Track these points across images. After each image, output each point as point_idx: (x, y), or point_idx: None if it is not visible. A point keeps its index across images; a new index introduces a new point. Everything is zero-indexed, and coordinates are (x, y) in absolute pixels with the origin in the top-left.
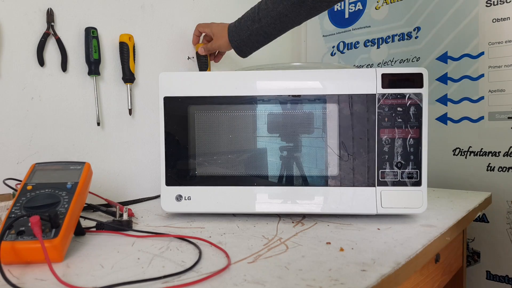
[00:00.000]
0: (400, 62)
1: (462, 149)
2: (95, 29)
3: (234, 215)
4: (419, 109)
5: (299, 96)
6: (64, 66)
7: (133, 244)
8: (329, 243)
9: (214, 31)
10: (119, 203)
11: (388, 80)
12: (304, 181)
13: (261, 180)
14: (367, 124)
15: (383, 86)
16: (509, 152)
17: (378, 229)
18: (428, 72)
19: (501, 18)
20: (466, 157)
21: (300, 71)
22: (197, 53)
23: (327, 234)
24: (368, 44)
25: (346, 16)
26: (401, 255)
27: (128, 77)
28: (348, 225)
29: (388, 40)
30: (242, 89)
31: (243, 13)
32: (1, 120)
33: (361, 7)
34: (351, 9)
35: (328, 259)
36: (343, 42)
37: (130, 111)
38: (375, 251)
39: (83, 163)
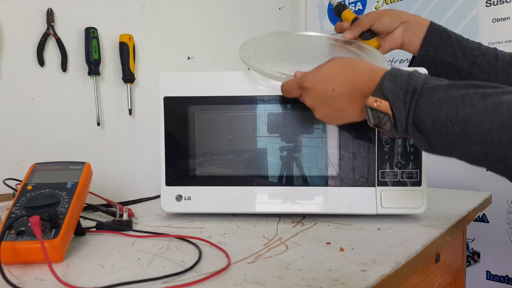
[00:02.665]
0: (400, 62)
1: None
2: (95, 29)
3: (234, 215)
4: None
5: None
6: (64, 66)
7: (133, 244)
8: (329, 243)
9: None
10: (119, 203)
11: None
12: (304, 181)
13: (261, 180)
14: (367, 124)
15: None
16: None
17: (378, 229)
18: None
19: (501, 18)
20: None
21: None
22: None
23: (327, 234)
24: None
25: None
26: (401, 255)
27: (128, 77)
28: (348, 225)
29: None
30: (242, 89)
31: (242, 13)
32: (1, 120)
33: (361, 7)
34: (351, 9)
35: (328, 259)
36: None
37: (130, 111)
38: (375, 251)
39: (83, 163)
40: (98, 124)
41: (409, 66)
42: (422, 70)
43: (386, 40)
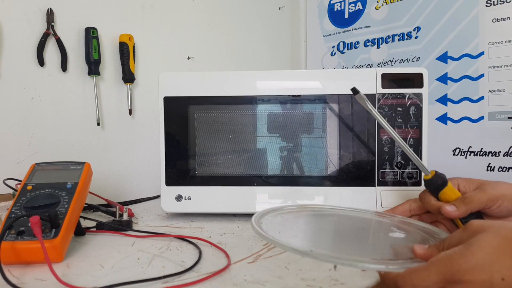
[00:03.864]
0: (400, 62)
1: (462, 149)
2: (95, 29)
3: (234, 215)
4: (419, 109)
5: (299, 96)
6: (64, 66)
7: (133, 244)
8: None
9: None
10: (119, 203)
11: (388, 80)
12: (304, 181)
13: (261, 180)
14: (367, 124)
15: (383, 86)
16: (509, 152)
17: None
18: (428, 72)
19: (501, 18)
20: (466, 157)
21: (300, 71)
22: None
23: None
24: (368, 44)
25: (346, 16)
26: None
27: (128, 77)
28: None
29: (388, 40)
30: (242, 89)
31: (242, 12)
32: (1, 120)
33: (361, 7)
34: (351, 9)
35: None
36: (343, 42)
37: (130, 111)
38: None
39: (83, 163)
40: (98, 124)
41: None
42: None
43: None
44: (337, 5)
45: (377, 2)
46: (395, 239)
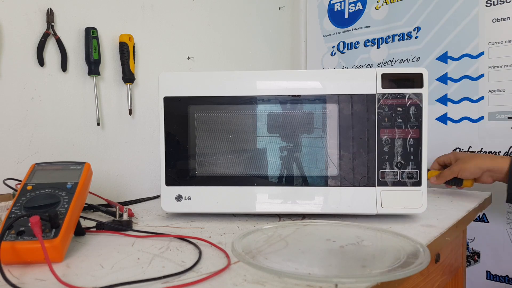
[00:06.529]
0: (400, 62)
1: (462, 149)
2: (95, 29)
3: (234, 215)
4: (419, 109)
5: (299, 96)
6: (64, 66)
7: (133, 244)
8: None
9: (461, 156)
10: (119, 203)
11: (388, 80)
12: (304, 181)
13: (261, 180)
14: (367, 124)
15: (383, 86)
16: (509, 152)
17: None
18: (428, 72)
19: (501, 18)
20: None
21: (300, 71)
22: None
23: None
24: (368, 44)
25: (346, 16)
26: None
27: (128, 77)
28: None
29: (388, 40)
30: (242, 89)
31: (242, 13)
32: (1, 120)
33: (361, 7)
34: (351, 9)
35: None
36: (343, 42)
37: (130, 111)
38: None
39: (83, 163)
40: (98, 124)
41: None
42: None
43: (477, 180)
44: (337, 5)
45: (377, 2)
46: (367, 247)
